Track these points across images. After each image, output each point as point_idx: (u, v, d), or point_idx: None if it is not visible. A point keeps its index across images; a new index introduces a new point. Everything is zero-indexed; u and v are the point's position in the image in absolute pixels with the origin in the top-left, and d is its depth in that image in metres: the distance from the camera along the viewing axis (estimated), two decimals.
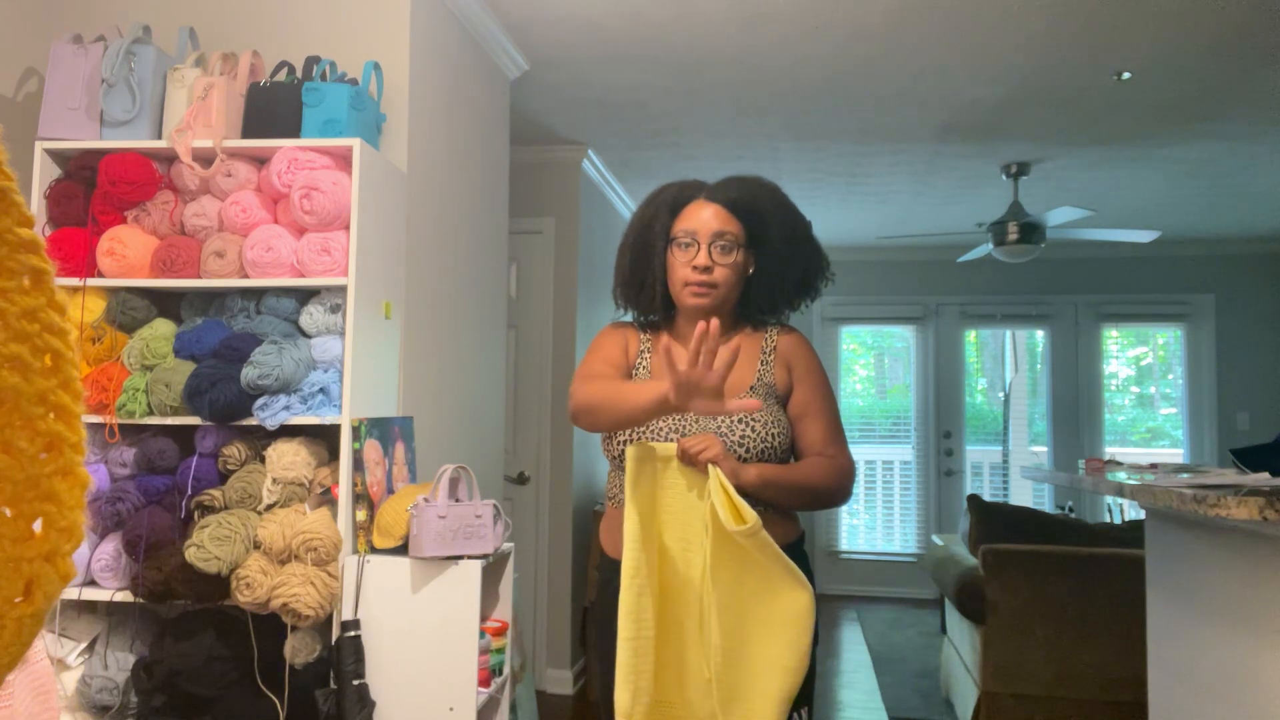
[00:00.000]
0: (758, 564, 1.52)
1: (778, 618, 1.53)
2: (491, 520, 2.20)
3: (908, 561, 7.02)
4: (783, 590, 1.53)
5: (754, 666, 1.52)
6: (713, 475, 1.52)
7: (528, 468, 4.51)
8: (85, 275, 2.30)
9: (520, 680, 2.84)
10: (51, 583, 0.48)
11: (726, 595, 1.52)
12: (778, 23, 3.19)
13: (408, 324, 2.62)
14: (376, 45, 2.65)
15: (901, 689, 4.56)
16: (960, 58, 3.46)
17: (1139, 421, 7.03)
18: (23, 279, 0.47)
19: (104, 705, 2.19)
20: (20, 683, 1.03)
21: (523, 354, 4.58)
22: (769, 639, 1.53)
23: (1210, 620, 2.09)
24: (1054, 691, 3.36)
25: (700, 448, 1.55)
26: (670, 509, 1.58)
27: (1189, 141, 4.44)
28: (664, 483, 1.59)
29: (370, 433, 2.28)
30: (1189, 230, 6.42)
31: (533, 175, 4.64)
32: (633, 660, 1.51)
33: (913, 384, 7.18)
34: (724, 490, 1.50)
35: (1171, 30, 3.19)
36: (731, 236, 1.68)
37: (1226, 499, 1.55)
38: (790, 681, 1.51)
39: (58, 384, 0.48)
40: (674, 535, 1.58)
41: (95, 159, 2.35)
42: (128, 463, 2.25)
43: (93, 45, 2.41)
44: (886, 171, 5.05)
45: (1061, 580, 3.36)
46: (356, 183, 2.26)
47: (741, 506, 1.48)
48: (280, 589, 2.06)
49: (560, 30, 3.28)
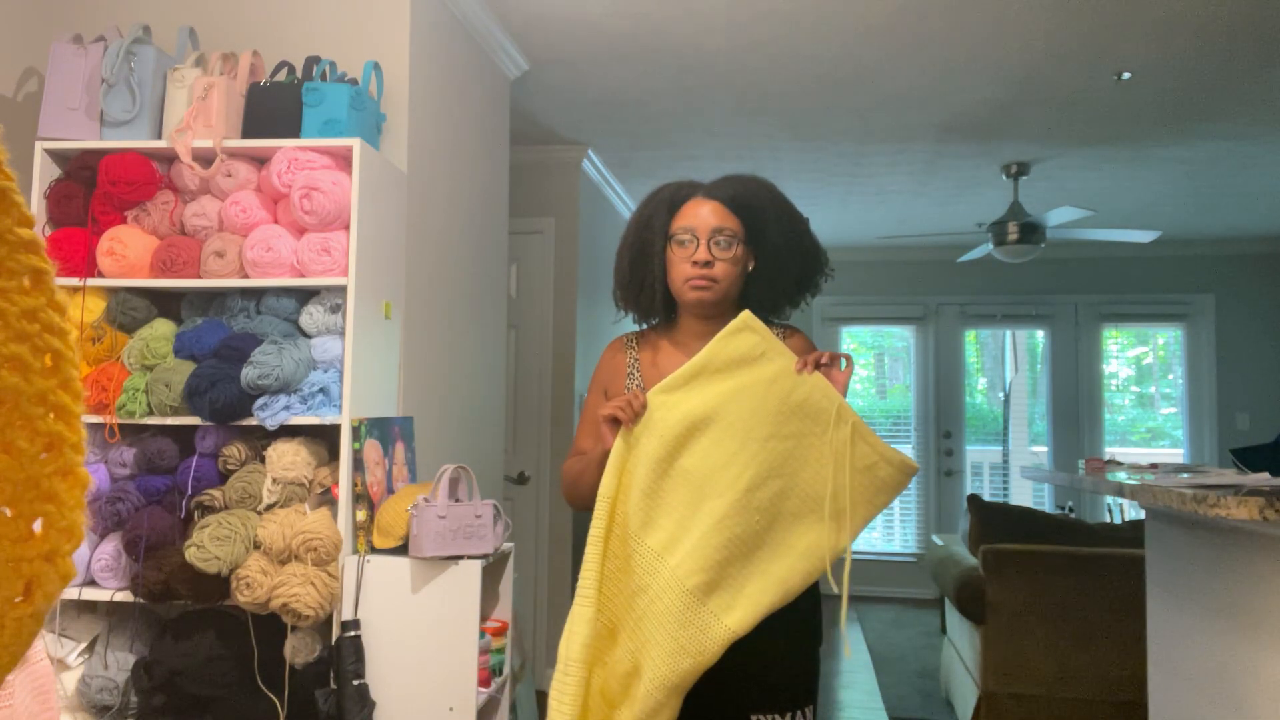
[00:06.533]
0: (816, 479, 1.55)
1: (801, 546, 1.54)
2: (491, 520, 2.20)
3: (908, 561, 7.02)
4: (817, 525, 1.55)
5: (756, 568, 1.53)
6: (818, 380, 1.56)
7: (528, 468, 4.51)
8: (85, 275, 2.30)
9: (520, 680, 2.84)
10: (51, 583, 0.48)
11: (766, 500, 1.53)
12: (778, 23, 3.19)
13: (408, 324, 2.62)
14: (376, 45, 2.65)
15: (901, 689, 4.56)
16: (960, 58, 3.46)
17: (1139, 421, 7.03)
18: (23, 279, 0.47)
19: (104, 705, 2.19)
20: (20, 683, 1.03)
21: (523, 354, 4.58)
22: (782, 555, 1.54)
23: (1210, 620, 2.09)
24: (1054, 691, 3.36)
25: (829, 354, 1.59)
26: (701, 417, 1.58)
27: (1189, 141, 4.44)
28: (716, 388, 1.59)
29: (370, 433, 2.28)
30: (1189, 230, 6.42)
31: (533, 175, 4.64)
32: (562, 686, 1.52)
33: (913, 384, 7.18)
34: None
35: (1171, 30, 3.19)
36: (730, 232, 1.68)
37: (1226, 499, 1.55)
38: (779, 600, 1.52)
39: (58, 384, 0.48)
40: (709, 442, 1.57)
41: (95, 159, 2.35)
42: (128, 463, 2.25)
43: (93, 45, 2.41)
44: (886, 172, 5.05)
45: (1061, 580, 3.36)
46: (356, 183, 2.26)
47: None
48: (280, 589, 2.06)
49: (560, 30, 3.28)
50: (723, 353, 1.58)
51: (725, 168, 4.96)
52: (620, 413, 1.58)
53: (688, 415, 1.56)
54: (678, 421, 1.56)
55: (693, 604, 1.50)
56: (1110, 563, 3.33)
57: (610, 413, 1.59)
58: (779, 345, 1.59)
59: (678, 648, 1.49)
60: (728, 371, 1.58)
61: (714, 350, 1.59)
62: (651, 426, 1.58)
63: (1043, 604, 3.37)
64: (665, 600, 1.50)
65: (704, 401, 1.57)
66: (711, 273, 1.67)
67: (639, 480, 1.56)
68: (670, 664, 1.48)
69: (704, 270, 1.67)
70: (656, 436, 1.57)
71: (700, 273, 1.67)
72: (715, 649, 1.49)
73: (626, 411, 1.58)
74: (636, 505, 1.56)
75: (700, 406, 1.56)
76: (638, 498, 1.56)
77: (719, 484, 1.53)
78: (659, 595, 1.51)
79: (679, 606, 1.49)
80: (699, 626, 1.49)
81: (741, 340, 1.58)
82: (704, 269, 1.67)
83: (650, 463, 1.56)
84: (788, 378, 1.56)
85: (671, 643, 1.49)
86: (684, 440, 1.56)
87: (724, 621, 1.49)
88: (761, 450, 1.53)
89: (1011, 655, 3.40)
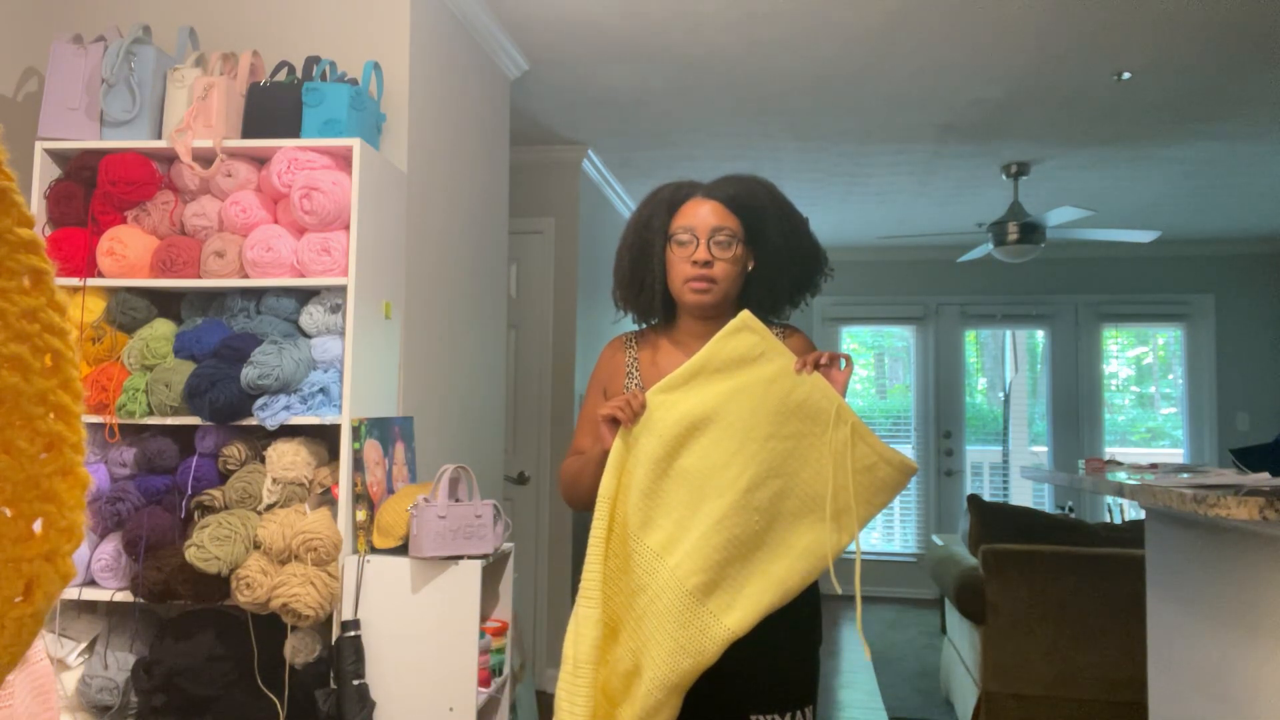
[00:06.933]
0: (815, 479, 1.54)
1: (800, 545, 1.54)
2: (491, 520, 2.20)
3: (908, 561, 7.02)
4: (817, 525, 1.54)
5: (755, 568, 1.53)
6: (818, 380, 1.56)
7: (528, 468, 4.51)
8: (85, 275, 2.30)
9: (520, 680, 2.84)
10: (51, 583, 0.48)
11: (766, 501, 1.53)
12: (778, 23, 3.19)
13: (408, 324, 2.62)
14: (376, 45, 2.65)
15: (901, 689, 4.56)
16: (960, 58, 3.46)
17: (1139, 421, 7.03)
18: (23, 279, 0.47)
19: (104, 705, 2.19)
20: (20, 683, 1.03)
21: (523, 354, 4.58)
22: (781, 556, 1.54)
23: (1210, 620, 2.09)
24: (1054, 691, 3.36)
25: (829, 354, 1.58)
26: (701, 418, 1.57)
27: (1189, 141, 4.44)
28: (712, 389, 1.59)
29: (370, 433, 2.28)
30: (1189, 230, 6.42)
31: (533, 175, 4.64)
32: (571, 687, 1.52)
33: (913, 384, 7.18)
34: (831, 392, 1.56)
35: (1171, 30, 3.19)
36: (730, 231, 1.68)
37: (1226, 499, 1.55)
38: (778, 600, 1.52)
39: (58, 384, 0.48)
40: (709, 441, 1.57)
41: (95, 159, 2.35)
42: (128, 463, 2.25)
43: (93, 45, 2.41)
44: (886, 171, 5.05)
45: (1061, 580, 3.36)
46: (356, 183, 2.26)
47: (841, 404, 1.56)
48: (280, 589, 2.06)
49: (560, 30, 3.28)
50: (721, 352, 1.58)
51: (725, 168, 4.94)
52: (619, 412, 1.58)
53: (687, 415, 1.56)
54: (677, 421, 1.56)
55: (692, 604, 1.49)
56: (1110, 563, 3.33)
57: (609, 413, 1.59)
58: (778, 345, 1.59)
59: (677, 647, 1.49)
60: (727, 371, 1.58)
61: (713, 350, 1.58)
62: (650, 426, 1.57)
63: (1043, 604, 3.37)
64: (665, 600, 1.50)
65: (703, 401, 1.56)
66: (711, 273, 1.67)
67: (638, 480, 1.56)
68: (670, 663, 1.49)
69: (704, 270, 1.67)
70: (655, 436, 1.56)
71: (700, 273, 1.67)
72: (715, 649, 1.49)
73: (625, 411, 1.58)
74: (636, 505, 1.56)
75: (699, 406, 1.56)
76: (637, 498, 1.56)
77: (718, 484, 1.53)
78: (658, 595, 1.51)
79: (678, 607, 1.49)
80: (698, 627, 1.49)
81: (740, 340, 1.58)
82: (704, 269, 1.67)
83: (649, 463, 1.56)
84: (787, 378, 1.56)
85: (671, 642, 1.49)
86: (683, 440, 1.56)
87: (723, 622, 1.49)
88: (761, 450, 1.53)
89: (1011, 655, 3.40)
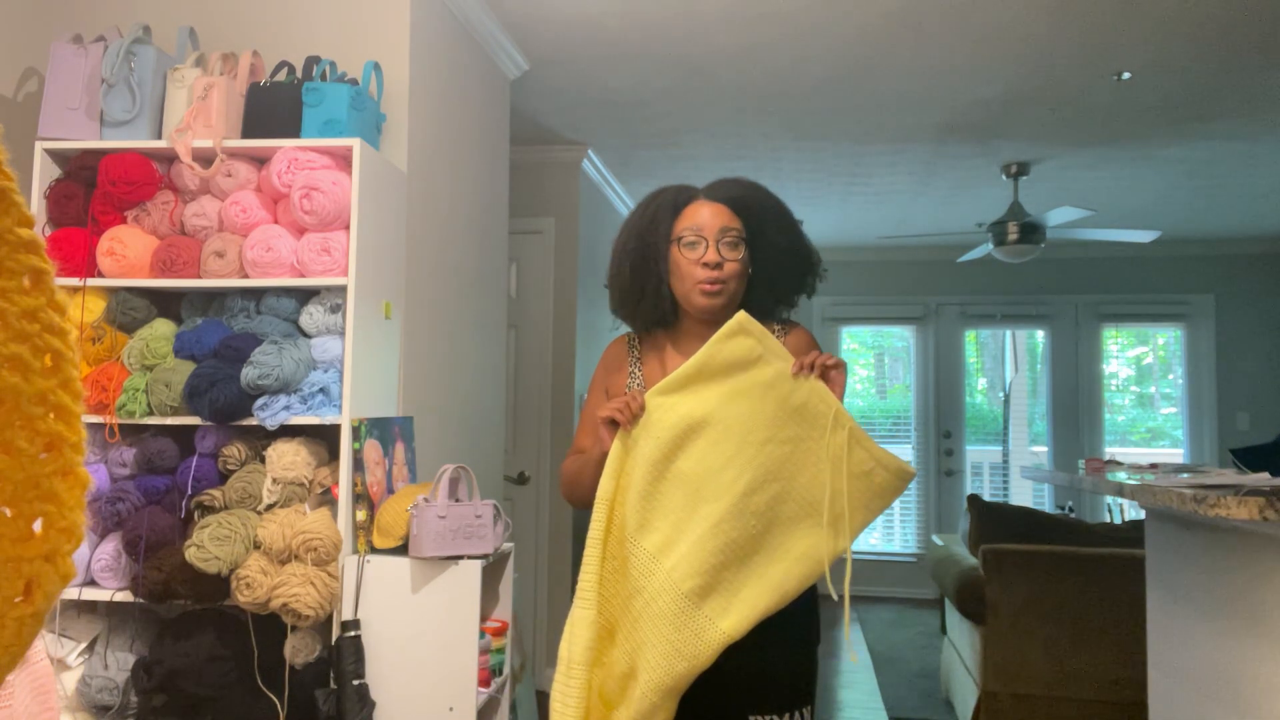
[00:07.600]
0: (813, 483, 1.54)
1: (798, 550, 1.53)
2: (491, 520, 2.20)
3: (908, 561, 7.02)
4: (814, 530, 1.54)
5: (752, 572, 1.52)
6: (816, 384, 1.55)
7: (528, 468, 4.51)
8: (85, 275, 2.30)
9: (520, 680, 2.84)
10: (51, 583, 0.48)
11: (763, 505, 1.52)
12: (778, 23, 3.19)
13: (408, 324, 2.62)
14: (376, 45, 2.65)
15: (901, 689, 4.56)
16: (960, 58, 3.46)
17: (1139, 421, 7.03)
18: (23, 279, 0.47)
19: (104, 705, 2.19)
20: (20, 683, 1.03)
21: (523, 354, 4.58)
22: (778, 560, 1.53)
23: (1210, 620, 2.09)
24: (1054, 691, 3.36)
25: (825, 358, 1.57)
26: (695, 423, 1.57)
27: (1189, 141, 4.44)
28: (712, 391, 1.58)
29: (370, 433, 2.28)
30: (1189, 230, 6.42)
31: (533, 175, 4.64)
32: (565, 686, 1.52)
33: (913, 384, 7.18)
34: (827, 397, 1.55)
35: (1171, 30, 3.19)
36: (736, 232, 1.68)
37: (1226, 499, 1.55)
38: (775, 604, 1.51)
39: (58, 384, 0.48)
40: (706, 445, 1.56)
41: (95, 159, 2.35)
42: (128, 463, 2.25)
43: (93, 45, 2.41)
44: (886, 171, 5.05)
45: (1061, 580, 3.36)
46: (356, 183, 2.26)
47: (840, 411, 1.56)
48: (280, 589, 2.06)
49: (560, 30, 3.28)
50: (719, 355, 1.57)
51: (725, 168, 4.96)
52: (618, 414, 1.58)
53: (685, 418, 1.55)
54: (674, 424, 1.55)
55: (688, 607, 1.49)
56: (1110, 563, 3.33)
57: (608, 414, 1.59)
58: (777, 347, 1.58)
59: (672, 650, 1.48)
60: (725, 374, 1.57)
61: (710, 352, 1.58)
62: (649, 429, 1.57)
63: (1043, 604, 3.37)
64: (661, 603, 1.50)
65: (701, 404, 1.56)
66: (722, 274, 1.67)
67: (636, 482, 1.56)
68: (665, 666, 1.48)
69: (715, 273, 1.66)
70: (653, 439, 1.56)
71: (711, 274, 1.66)
72: (710, 652, 1.48)
73: (624, 413, 1.57)
74: (633, 507, 1.55)
75: (697, 409, 1.56)
76: (634, 500, 1.55)
77: (716, 487, 1.52)
78: (655, 597, 1.51)
79: (674, 610, 1.49)
80: (694, 630, 1.49)
81: (737, 344, 1.57)
82: (714, 270, 1.66)
83: (647, 465, 1.55)
84: (785, 381, 1.56)
85: (666, 645, 1.49)
86: (681, 443, 1.55)
87: (719, 625, 1.49)
88: (759, 454, 1.53)
89: (1011, 655, 3.40)
